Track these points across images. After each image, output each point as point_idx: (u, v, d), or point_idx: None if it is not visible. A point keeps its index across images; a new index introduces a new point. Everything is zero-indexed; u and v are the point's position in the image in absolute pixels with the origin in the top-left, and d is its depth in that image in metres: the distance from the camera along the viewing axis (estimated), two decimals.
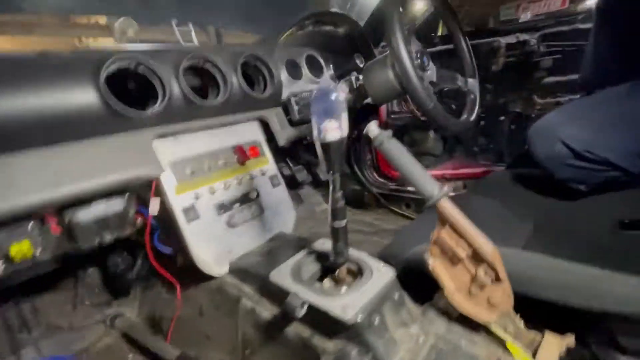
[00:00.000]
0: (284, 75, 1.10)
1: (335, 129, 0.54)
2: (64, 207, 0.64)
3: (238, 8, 1.42)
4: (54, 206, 0.62)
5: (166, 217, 0.78)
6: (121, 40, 1.19)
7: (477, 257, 0.54)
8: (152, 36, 1.34)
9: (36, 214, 0.62)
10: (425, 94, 0.78)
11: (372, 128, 0.69)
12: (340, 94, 0.55)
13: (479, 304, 0.56)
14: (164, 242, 0.87)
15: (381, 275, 0.63)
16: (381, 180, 1.86)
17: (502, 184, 1.16)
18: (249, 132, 0.97)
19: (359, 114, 1.01)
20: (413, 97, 0.80)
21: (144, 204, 0.80)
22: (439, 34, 1.80)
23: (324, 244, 0.76)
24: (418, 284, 0.68)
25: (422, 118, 1.68)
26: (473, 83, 1.01)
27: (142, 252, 1.01)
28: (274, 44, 1.06)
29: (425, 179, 0.62)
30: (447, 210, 0.57)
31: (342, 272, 0.65)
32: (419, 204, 1.72)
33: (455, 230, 0.55)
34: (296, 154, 1.26)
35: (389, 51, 0.81)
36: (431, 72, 0.95)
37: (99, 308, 1.12)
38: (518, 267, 0.60)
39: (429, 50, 0.96)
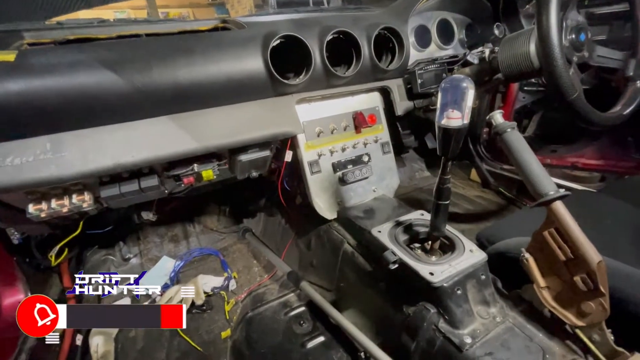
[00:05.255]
0: (410, 41, 1.11)
1: (458, 118, 0.59)
2: (233, 151, 0.88)
3: None
4: (228, 149, 0.86)
5: (295, 166, 0.98)
6: None
7: (577, 264, 0.55)
8: None
9: (217, 154, 0.88)
10: (569, 82, 0.70)
11: (497, 117, 0.69)
12: (470, 86, 0.58)
13: (568, 307, 0.58)
14: (288, 184, 1.10)
15: (472, 256, 0.70)
16: (494, 158, 1.73)
17: None
18: (369, 100, 1.06)
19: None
20: (554, 83, 0.72)
21: (278, 153, 1.01)
22: None
23: (422, 215, 0.85)
24: (507, 273, 0.72)
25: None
26: None
27: (270, 189, 1.27)
28: (409, 11, 1.05)
29: (542, 175, 0.61)
30: (558, 214, 0.57)
31: (435, 244, 0.74)
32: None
33: (561, 234, 0.56)
34: (407, 120, 1.28)
35: (534, 23, 0.73)
36: (587, 52, 0.83)
37: (235, 222, 1.50)
38: (628, 285, 0.58)
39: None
